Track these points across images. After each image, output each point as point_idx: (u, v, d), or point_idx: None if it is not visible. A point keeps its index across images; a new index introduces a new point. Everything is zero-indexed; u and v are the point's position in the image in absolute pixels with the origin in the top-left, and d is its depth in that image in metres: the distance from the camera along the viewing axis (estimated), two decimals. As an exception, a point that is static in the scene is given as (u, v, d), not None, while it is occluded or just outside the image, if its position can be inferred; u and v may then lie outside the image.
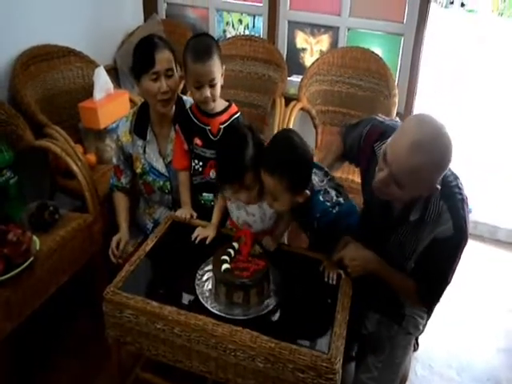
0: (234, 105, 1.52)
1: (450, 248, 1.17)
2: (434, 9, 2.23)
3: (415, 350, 1.69)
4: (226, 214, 1.48)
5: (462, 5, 8.74)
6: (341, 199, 1.29)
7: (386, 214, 1.28)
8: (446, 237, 1.15)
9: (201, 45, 1.39)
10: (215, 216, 1.43)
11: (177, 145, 1.53)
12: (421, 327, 1.39)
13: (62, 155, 1.60)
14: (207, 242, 1.37)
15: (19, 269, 1.26)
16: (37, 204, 1.51)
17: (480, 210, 2.48)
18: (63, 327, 1.77)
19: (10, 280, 1.26)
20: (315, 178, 1.30)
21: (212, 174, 1.51)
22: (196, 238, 1.39)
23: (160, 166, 1.58)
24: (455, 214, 1.14)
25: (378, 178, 1.14)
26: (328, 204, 1.27)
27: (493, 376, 1.72)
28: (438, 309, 1.47)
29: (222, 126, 1.48)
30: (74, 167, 1.59)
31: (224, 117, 1.49)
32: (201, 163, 1.51)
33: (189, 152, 1.52)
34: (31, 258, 1.31)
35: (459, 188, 1.18)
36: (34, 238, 1.36)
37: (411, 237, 1.23)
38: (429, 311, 1.34)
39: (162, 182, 1.59)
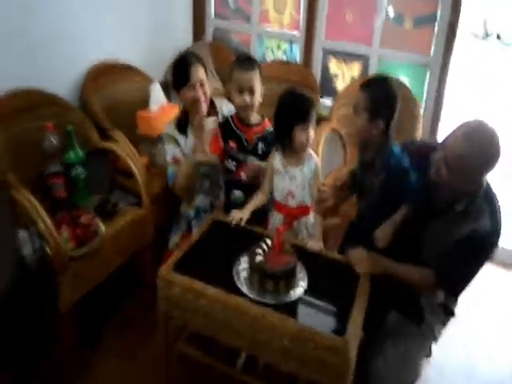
0: (266, 119, 1.77)
1: (486, 244, 1.35)
2: (471, 41, 2.39)
3: (429, 356, 1.81)
4: (261, 212, 1.69)
5: (498, 37, 8.80)
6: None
7: (430, 201, 1.45)
8: (485, 231, 1.33)
9: (246, 59, 1.72)
10: (251, 203, 1.65)
11: (213, 140, 1.77)
12: (437, 333, 1.53)
13: (124, 156, 1.86)
14: (242, 224, 1.58)
15: (89, 246, 1.51)
16: (101, 197, 1.77)
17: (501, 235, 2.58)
18: (115, 305, 1.99)
19: (80, 256, 1.50)
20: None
21: (243, 175, 1.76)
22: (232, 225, 1.58)
23: None
24: (494, 217, 1.35)
25: (434, 159, 1.35)
26: (403, 158, 1.46)
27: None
28: (456, 322, 1.61)
29: (256, 137, 1.75)
30: (133, 167, 1.84)
31: (259, 128, 1.76)
32: (234, 163, 1.76)
33: (223, 150, 1.77)
34: (98, 239, 1.55)
35: (498, 202, 1.39)
36: (100, 223, 1.61)
37: (452, 225, 1.38)
38: (455, 295, 1.47)
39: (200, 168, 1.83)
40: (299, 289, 1.38)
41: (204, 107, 1.80)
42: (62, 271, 1.46)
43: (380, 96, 1.43)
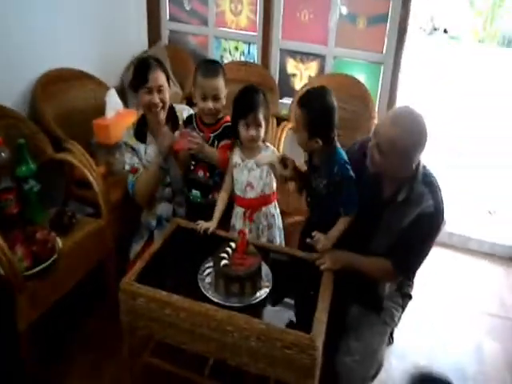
0: (227, 117, 1.75)
1: (432, 224, 1.41)
2: (419, 35, 2.49)
3: (390, 343, 1.88)
4: (226, 212, 1.69)
5: (445, 31, 9.22)
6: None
7: (376, 195, 1.49)
8: (429, 213, 1.38)
9: (210, 66, 1.71)
10: (217, 211, 1.65)
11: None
12: (396, 319, 1.60)
13: (80, 167, 1.80)
14: (209, 233, 1.58)
15: (46, 264, 1.45)
16: (56, 210, 1.70)
17: (453, 221, 2.71)
18: (76, 320, 1.92)
19: (37, 274, 1.45)
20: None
21: (200, 173, 1.75)
22: (200, 233, 1.59)
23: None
24: (435, 197, 1.40)
25: (368, 147, 1.39)
26: (348, 165, 1.48)
27: (461, 368, 1.91)
28: (414, 308, 1.68)
29: (212, 135, 1.74)
30: (90, 178, 1.79)
31: (216, 127, 1.75)
32: (193, 162, 1.75)
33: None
34: (55, 255, 1.49)
35: (436, 181, 1.44)
36: (57, 238, 1.56)
37: (398, 215, 1.43)
38: (411, 277, 1.54)
39: (162, 177, 1.80)
40: (264, 289, 1.40)
41: (162, 114, 1.78)
42: (18, 291, 1.40)
43: (317, 116, 1.43)
